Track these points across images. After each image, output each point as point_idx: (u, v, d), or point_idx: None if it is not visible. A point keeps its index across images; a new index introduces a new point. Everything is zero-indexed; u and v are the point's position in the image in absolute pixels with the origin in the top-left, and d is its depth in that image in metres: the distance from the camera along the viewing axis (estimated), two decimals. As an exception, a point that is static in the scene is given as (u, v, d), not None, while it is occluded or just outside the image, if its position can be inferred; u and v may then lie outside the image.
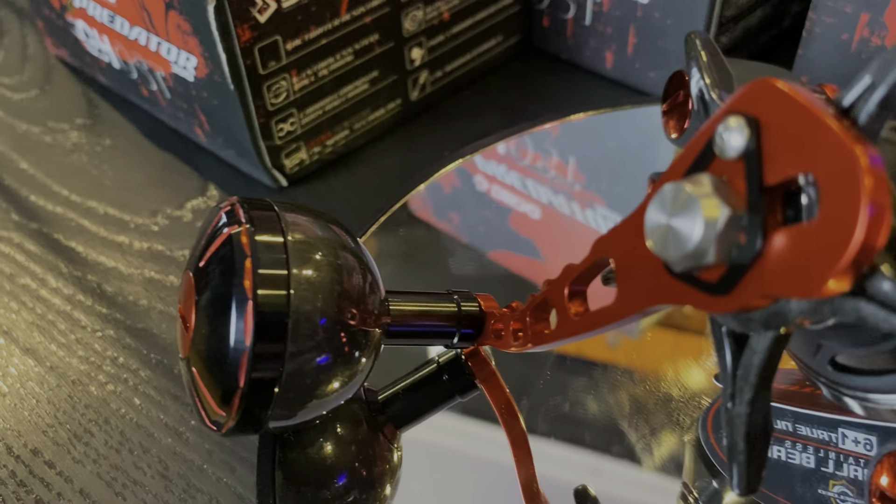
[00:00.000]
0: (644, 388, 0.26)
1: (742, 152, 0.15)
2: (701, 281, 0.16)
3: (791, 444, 0.24)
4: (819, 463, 0.23)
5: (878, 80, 0.14)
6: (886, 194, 0.13)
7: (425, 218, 0.43)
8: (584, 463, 0.25)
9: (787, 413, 0.23)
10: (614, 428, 0.25)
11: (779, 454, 0.24)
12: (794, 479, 0.23)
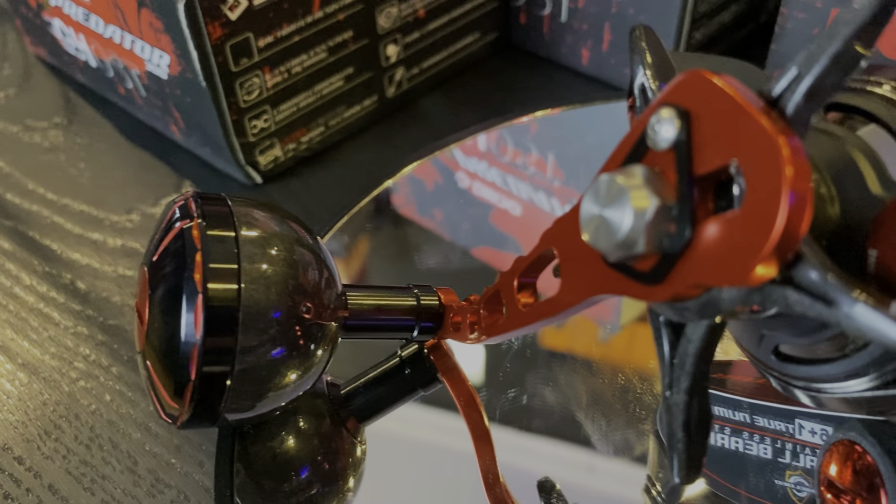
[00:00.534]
0: (602, 380, 0.26)
1: (673, 143, 0.15)
2: (635, 271, 0.16)
3: (749, 435, 0.24)
4: (776, 454, 0.24)
5: (805, 70, 0.14)
6: (808, 183, 0.13)
7: (409, 215, 0.43)
8: (548, 454, 0.26)
9: (744, 404, 0.24)
10: (574, 419, 0.26)
11: (736, 445, 0.24)
12: (752, 469, 0.24)
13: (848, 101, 0.17)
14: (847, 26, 0.14)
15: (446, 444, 0.27)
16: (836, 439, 0.20)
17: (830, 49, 0.14)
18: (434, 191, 0.43)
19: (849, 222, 0.16)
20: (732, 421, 0.24)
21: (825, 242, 0.16)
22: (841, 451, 0.20)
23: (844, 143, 0.17)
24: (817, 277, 0.14)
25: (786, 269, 0.14)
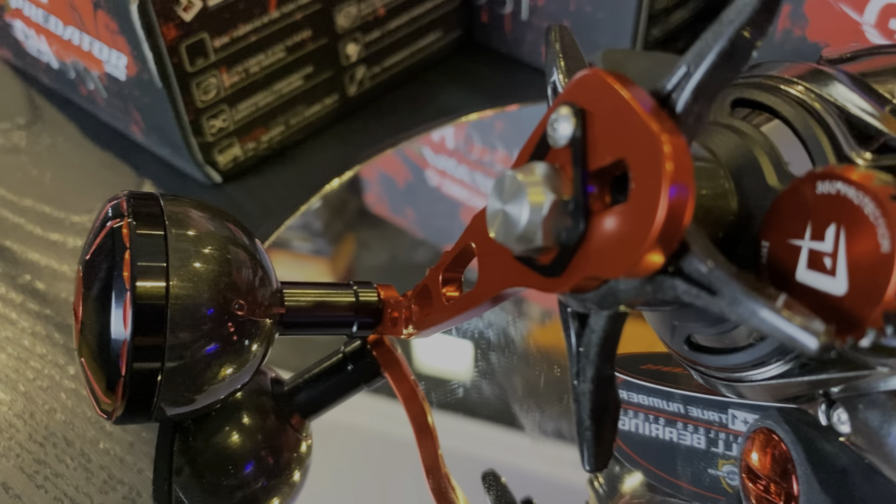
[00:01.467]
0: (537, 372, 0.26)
1: (569, 140, 0.16)
2: (538, 264, 0.16)
3: (682, 425, 0.24)
4: (710, 444, 0.24)
5: (693, 68, 0.15)
6: (689, 179, 0.14)
7: (382, 214, 0.43)
8: (488, 439, 0.26)
9: (676, 396, 0.24)
10: (510, 409, 0.26)
11: (671, 436, 0.25)
12: (686, 459, 0.24)
13: (756, 98, 0.18)
14: (731, 24, 0.14)
15: (394, 432, 0.27)
16: (755, 427, 0.20)
17: (716, 47, 0.15)
18: (406, 189, 0.44)
19: (746, 215, 0.17)
20: (666, 412, 0.25)
21: (722, 234, 0.17)
22: (760, 439, 0.21)
23: (746, 139, 0.17)
24: (702, 268, 0.14)
25: (675, 261, 0.15)
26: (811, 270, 0.15)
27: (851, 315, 0.14)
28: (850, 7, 0.35)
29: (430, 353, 0.29)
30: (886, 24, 0.35)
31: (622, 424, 0.25)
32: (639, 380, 0.24)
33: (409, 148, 0.44)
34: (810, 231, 0.15)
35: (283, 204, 0.39)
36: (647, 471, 0.25)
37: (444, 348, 0.29)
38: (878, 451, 0.17)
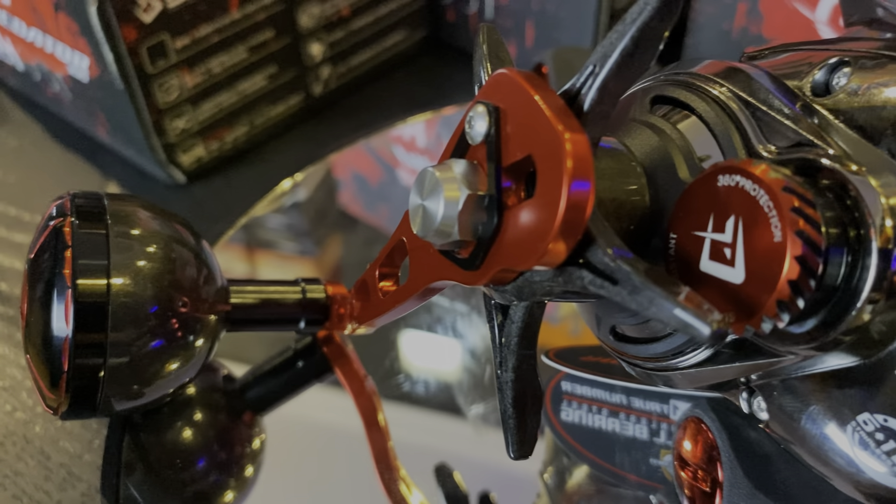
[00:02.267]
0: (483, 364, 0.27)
1: (484, 137, 0.16)
2: (459, 258, 0.17)
3: (625, 416, 0.25)
4: (652, 434, 0.25)
5: (599, 68, 0.16)
6: (589, 174, 0.15)
7: (357, 213, 0.44)
8: (435, 429, 0.27)
9: (618, 387, 0.25)
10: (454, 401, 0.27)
11: (613, 427, 0.25)
12: (629, 449, 0.25)
13: (675, 95, 0.19)
14: (633, 24, 0.15)
15: (348, 425, 0.28)
16: (685, 416, 0.21)
17: (619, 46, 0.15)
18: (378, 188, 0.45)
19: (659, 209, 0.17)
20: (609, 403, 0.25)
21: (634, 227, 0.17)
22: (690, 428, 0.21)
23: (663, 136, 0.18)
24: (605, 258, 0.15)
25: (583, 252, 0.15)
26: (713, 261, 0.15)
27: (749, 303, 0.15)
28: (803, 5, 0.36)
29: (383, 348, 0.30)
30: (838, 20, 0.36)
31: (566, 416, 0.26)
32: (579, 371, 0.25)
33: (382, 148, 0.45)
34: (712, 223, 0.15)
35: (247, 204, 0.40)
36: (591, 462, 0.25)
37: (396, 343, 0.30)
38: (792, 435, 0.18)
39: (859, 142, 0.16)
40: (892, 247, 0.15)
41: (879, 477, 0.16)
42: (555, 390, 0.26)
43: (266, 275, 0.39)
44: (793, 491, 0.20)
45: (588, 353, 0.25)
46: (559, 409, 0.26)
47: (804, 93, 0.17)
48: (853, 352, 0.16)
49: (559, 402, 0.26)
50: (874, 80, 0.17)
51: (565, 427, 0.25)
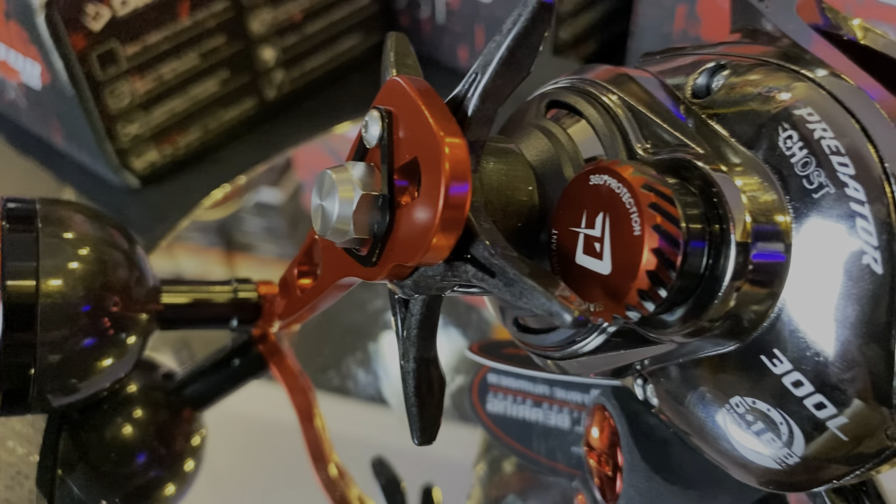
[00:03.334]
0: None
1: (378, 140, 0.18)
2: (359, 255, 0.18)
3: (548, 406, 0.26)
4: (573, 423, 0.26)
5: (480, 75, 0.17)
6: (466, 175, 0.16)
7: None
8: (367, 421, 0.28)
9: (539, 379, 0.26)
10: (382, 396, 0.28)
11: (537, 416, 0.26)
12: (552, 438, 0.26)
13: (567, 100, 0.20)
14: (508, 34, 0.16)
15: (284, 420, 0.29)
16: (592, 404, 0.22)
17: (497, 55, 0.16)
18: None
19: (546, 207, 0.19)
20: (533, 394, 0.26)
21: (521, 224, 0.18)
22: (597, 415, 0.22)
23: (553, 138, 0.19)
24: (485, 253, 0.16)
25: (467, 248, 0.17)
26: (586, 255, 0.17)
27: (616, 292, 0.16)
28: (738, 8, 0.38)
29: (319, 344, 0.31)
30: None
31: (492, 407, 0.27)
32: (501, 364, 0.26)
33: (344, 150, 0.46)
34: (585, 219, 0.17)
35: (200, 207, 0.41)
36: (516, 451, 0.26)
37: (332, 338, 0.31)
38: (678, 419, 0.19)
39: (729, 142, 0.17)
40: (751, 240, 0.16)
41: (753, 457, 0.18)
42: (482, 383, 0.27)
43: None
44: (688, 473, 0.21)
45: (510, 345, 0.26)
46: (485, 400, 0.27)
47: (686, 95, 0.19)
48: (726, 338, 0.17)
49: (486, 394, 0.27)
50: (747, 84, 0.18)
51: (491, 418, 0.27)
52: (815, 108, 0.16)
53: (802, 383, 0.16)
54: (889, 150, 0.15)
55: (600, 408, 0.22)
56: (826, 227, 0.16)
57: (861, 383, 0.16)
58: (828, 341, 0.16)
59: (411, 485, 0.27)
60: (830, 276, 0.16)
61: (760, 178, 0.16)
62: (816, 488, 0.17)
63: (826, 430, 0.16)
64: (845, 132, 0.16)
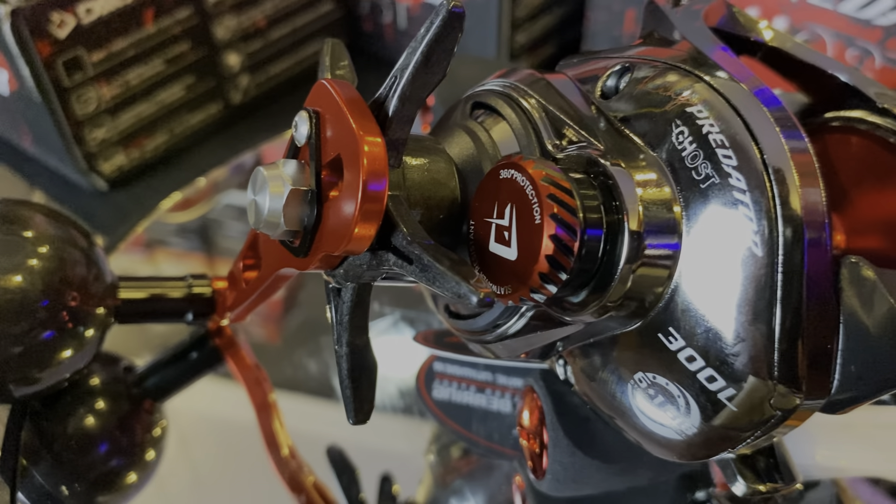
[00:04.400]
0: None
1: (307, 139, 0.19)
2: (293, 246, 0.20)
3: (491, 391, 0.28)
4: (514, 407, 0.28)
5: (399, 78, 0.18)
6: (384, 171, 0.17)
7: None
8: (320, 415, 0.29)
9: (481, 365, 0.28)
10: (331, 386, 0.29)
11: (480, 401, 0.28)
12: (493, 421, 0.28)
13: (489, 102, 0.21)
14: (423, 40, 0.18)
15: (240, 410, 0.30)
16: (525, 386, 0.24)
17: (413, 60, 0.18)
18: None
19: (467, 200, 0.20)
20: (476, 380, 0.28)
21: (443, 216, 0.20)
22: (528, 397, 0.24)
23: (474, 137, 0.21)
24: (403, 242, 0.18)
25: (388, 238, 0.18)
26: (497, 243, 0.18)
27: (522, 276, 0.17)
28: (683, 12, 0.39)
29: (276, 337, 0.32)
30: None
31: (438, 394, 0.28)
32: (443, 351, 0.28)
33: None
34: (496, 210, 0.18)
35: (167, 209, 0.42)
36: (460, 435, 0.28)
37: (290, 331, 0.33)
38: (591, 395, 0.21)
39: (630, 139, 0.19)
40: (644, 229, 0.17)
41: (657, 428, 0.19)
42: (428, 370, 0.28)
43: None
44: (609, 448, 0.23)
45: (450, 334, 0.28)
46: (432, 387, 0.28)
47: (596, 96, 0.20)
48: (628, 318, 0.19)
49: (432, 381, 0.28)
50: (648, 85, 0.19)
51: (437, 404, 0.28)
52: (706, 107, 0.18)
53: (695, 358, 0.18)
54: (769, 145, 0.17)
55: (530, 390, 0.24)
56: (712, 214, 0.17)
57: (746, 358, 0.17)
58: (716, 319, 0.17)
59: (365, 471, 0.28)
60: (717, 259, 0.17)
61: (656, 171, 0.18)
62: (714, 457, 0.19)
63: (717, 402, 0.18)
64: (731, 128, 0.17)
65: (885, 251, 0.23)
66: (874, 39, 0.35)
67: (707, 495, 0.26)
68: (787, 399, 0.17)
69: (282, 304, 0.35)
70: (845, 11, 0.35)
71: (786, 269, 0.17)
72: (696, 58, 0.19)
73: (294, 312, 0.34)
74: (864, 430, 0.26)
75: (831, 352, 0.17)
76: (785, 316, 0.17)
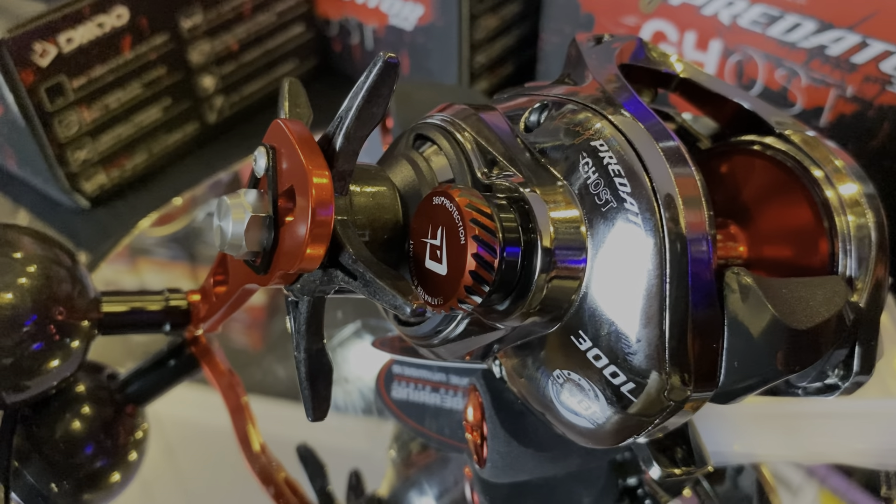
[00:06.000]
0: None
1: (264, 171, 0.22)
2: (255, 265, 0.23)
3: (444, 391, 0.31)
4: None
5: (345, 118, 0.21)
6: (330, 200, 0.20)
7: None
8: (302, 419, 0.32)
9: (434, 367, 0.31)
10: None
11: (435, 400, 0.31)
12: (448, 419, 0.31)
13: (428, 134, 0.24)
14: (364, 86, 0.21)
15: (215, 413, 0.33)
16: (470, 384, 0.27)
17: (356, 102, 0.21)
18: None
19: (408, 223, 0.23)
20: (432, 381, 0.31)
21: (387, 237, 0.23)
22: (472, 395, 0.27)
23: (415, 166, 0.24)
24: (349, 260, 0.20)
25: (337, 257, 0.21)
26: (431, 260, 0.21)
27: (451, 289, 0.20)
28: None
29: (249, 344, 0.35)
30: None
31: (397, 394, 0.31)
32: (398, 356, 0.30)
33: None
34: (430, 231, 0.21)
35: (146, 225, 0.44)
36: (417, 431, 0.31)
37: (264, 339, 0.35)
38: (520, 390, 0.24)
39: (547, 168, 0.22)
40: (555, 246, 0.20)
41: (573, 418, 0.22)
42: (387, 373, 0.31)
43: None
44: (541, 438, 0.26)
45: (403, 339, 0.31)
46: (391, 388, 0.31)
47: (520, 129, 0.23)
48: (547, 323, 0.22)
49: (391, 383, 0.31)
50: (562, 121, 0.22)
51: (395, 403, 0.31)
52: (607, 142, 0.21)
53: (601, 357, 0.21)
54: (658, 174, 0.20)
55: (473, 388, 0.27)
56: (612, 233, 0.20)
57: (643, 356, 0.20)
58: (617, 323, 0.20)
59: (333, 467, 0.31)
60: (616, 271, 0.20)
61: (566, 196, 0.21)
62: (623, 442, 0.22)
63: (621, 394, 0.21)
64: (626, 160, 0.20)
65: (785, 259, 0.26)
66: (799, 60, 0.38)
67: (638, 480, 0.29)
68: (678, 391, 0.20)
69: (265, 311, 0.38)
70: (773, 35, 0.38)
71: (673, 280, 0.20)
72: (603, 98, 0.22)
73: (276, 319, 0.36)
74: (775, 420, 0.29)
75: (717, 350, 0.20)
76: (673, 320, 0.20)
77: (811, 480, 0.30)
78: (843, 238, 0.24)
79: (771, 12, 0.37)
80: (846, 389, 0.24)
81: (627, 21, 0.42)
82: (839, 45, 0.36)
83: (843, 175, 0.24)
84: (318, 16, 0.52)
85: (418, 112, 0.36)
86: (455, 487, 0.30)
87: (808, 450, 0.29)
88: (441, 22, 0.46)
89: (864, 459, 0.29)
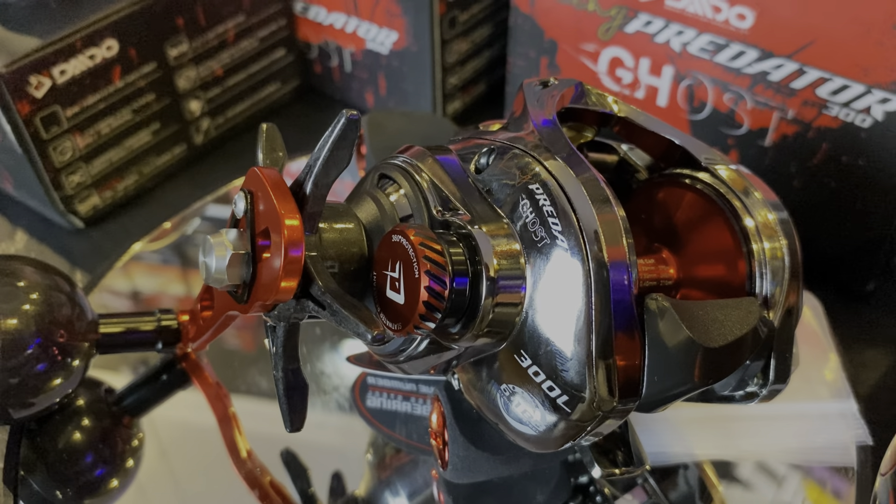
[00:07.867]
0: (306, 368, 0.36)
1: (243, 213, 0.25)
2: (237, 295, 0.26)
3: (415, 399, 0.34)
4: (434, 413, 0.34)
5: (313, 165, 0.24)
6: (300, 240, 0.23)
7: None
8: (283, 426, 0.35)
9: (408, 379, 0.34)
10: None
11: (406, 408, 0.34)
12: (415, 424, 0.34)
13: (390, 174, 0.27)
14: (329, 139, 0.24)
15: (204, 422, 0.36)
16: (434, 394, 0.30)
17: (322, 154, 0.24)
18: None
19: (373, 256, 0.26)
20: (403, 390, 0.34)
21: (354, 268, 0.26)
22: (436, 405, 0.30)
23: (379, 204, 0.27)
24: (318, 291, 0.24)
25: (308, 288, 0.24)
26: (391, 290, 0.24)
27: (407, 316, 0.23)
28: (588, 59, 0.46)
29: (233, 358, 0.38)
30: (614, 71, 0.45)
31: (371, 403, 0.34)
32: (371, 370, 0.34)
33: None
34: (390, 265, 0.24)
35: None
36: (390, 437, 0.34)
37: (241, 356, 0.39)
38: (475, 401, 0.27)
39: (493, 207, 0.25)
40: (498, 277, 0.24)
41: (519, 426, 0.25)
42: (363, 384, 0.35)
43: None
44: (497, 444, 0.29)
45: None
46: (366, 397, 0.34)
47: (471, 170, 0.26)
48: (496, 342, 0.25)
49: (366, 393, 0.34)
50: (506, 165, 0.26)
51: (370, 411, 0.34)
52: (542, 186, 0.24)
53: (539, 373, 0.24)
54: (584, 213, 0.23)
55: (436, 398, 0.30)
56: (547, 265, 0.23)
57: (574, 372, 0.23)
58: (552, 343, 0.23)
59: (315, 470, 0.34)
60: (551, 298, 0.23)
61: (508, 233, 0.24)
62: (563, 447, 0.25)
63: (557, 406, 0.24)
64: (558, 202, 0.24)
65: (710, 279, 0.29)
66: (745, 85, 0.41)
67: (589, 478, 0.32)
68: (606, 402, 0.23)
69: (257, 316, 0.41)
70: (720, 62, 0.41)
71: (598, 305, 0.23)
72: (540, 145, 0.26)
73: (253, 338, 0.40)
74: (713, 423, 0.32)
75: (639, 366, 0.24)
76: (599, 340, 0.23)
77: (795, 471, 0.33)
78: (760, 261, 0.27)
79: (717, 41, 0.41)
80: (764, 397, 0.27)
81: (587, 47, 0.45)
82: (779, 72, 0.39)
83: (761, 205, 0.28)
84: (298, 40, 0.55)
85: (390, 139, 0.39)
86: (424, 488, 0.33)
87: (742, 449, 0.33)
88: (415, 47, 0.49)
89: (792, 457, 0.33)
